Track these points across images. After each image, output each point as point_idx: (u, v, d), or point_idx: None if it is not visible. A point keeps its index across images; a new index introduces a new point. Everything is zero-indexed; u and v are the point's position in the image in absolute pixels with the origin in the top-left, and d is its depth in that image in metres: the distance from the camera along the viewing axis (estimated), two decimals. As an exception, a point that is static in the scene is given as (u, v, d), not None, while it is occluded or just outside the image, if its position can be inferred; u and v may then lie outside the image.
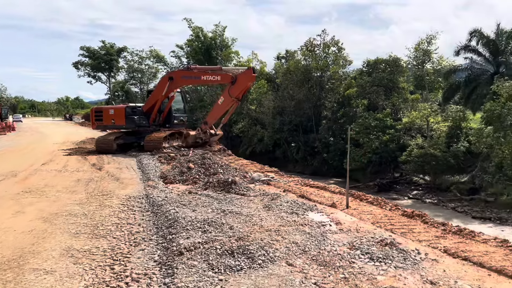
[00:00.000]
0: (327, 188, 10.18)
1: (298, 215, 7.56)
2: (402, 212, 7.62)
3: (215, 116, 22.51)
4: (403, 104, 49.03)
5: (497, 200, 35.66)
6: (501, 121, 30.15)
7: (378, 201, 8.44)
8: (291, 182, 11.84)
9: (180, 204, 8.51)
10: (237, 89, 20.16)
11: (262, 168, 14.81)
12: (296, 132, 59.14)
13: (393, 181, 47.92)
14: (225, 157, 18.97)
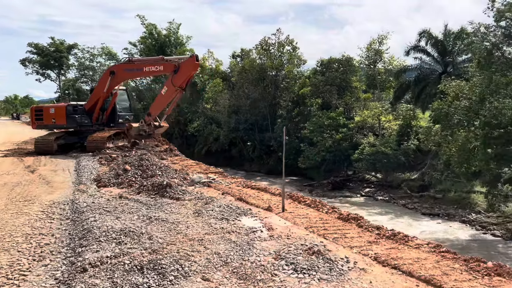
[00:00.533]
0: (268, 190, 9.75)
1: (228, 221, 7.09)
2: (338, 215, 7.31)
3: (159, 107, 21.58)
4: (356, 103, 49.68)
5: (445, 197, 36.62)
6: (448, 120, 30.80)
7: (315, 203, 8.09)
8: (233, 184, 11.36)
9: (104, 211, 7.85)
10: (181, 78, 19.33)
11: (207, 169, 14.23)
12: (252, 131, 58.87)
13: (347, 179, 48.50)
14: (171, 158, 18.22)
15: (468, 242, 28.18)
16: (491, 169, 29.13)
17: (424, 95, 43.71)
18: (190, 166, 14.95)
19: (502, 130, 27.61)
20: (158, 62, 20.59)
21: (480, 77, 30.15)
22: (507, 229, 29.15)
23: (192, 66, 19.66)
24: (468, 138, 29.39)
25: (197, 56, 19.73)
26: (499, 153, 27.75)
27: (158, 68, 20.50)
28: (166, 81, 21.01)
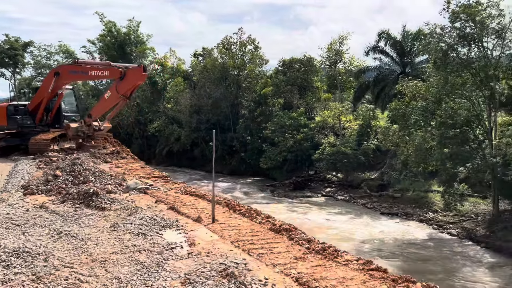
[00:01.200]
0: (206, 197, 9.09)
1: (145, 237, 6.41)
2: (271, 226, 6.73)
3: (100, 110, 20.65)
4: (317, 103, 49.64)
5: (404, 196, 36.88)
6: (405, 120, 31.00)
7: (250, 212, 7.49)
8: (172, 190, 10.63)
9: (11, 225, 7.02)
10: (125, 86, 18.49)
11: (150, 173, 13.42)
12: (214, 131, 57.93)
13: (308, 179, 48.37)
14: (117, 160, 17.27)
15: (425, 242, 28.31)
16: (447, 168, 29.44)
17: (383, 95, 44.06)
18: (134, 170, 14.10)
19: (457, 130, 27.91)
20: (104, 67, 19.69)
21: (436, 78, 30.44)
22: (462, 228, 29.48)
23: (139, 76, 18.95)
24: (424, 138, 29.61)
25: (144, 67, 19.03)
26: (455, 153, 28.02)
27: (103, 73, 19.66)
28: (111, 86, 20.20)
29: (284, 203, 40.38)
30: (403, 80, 33.95)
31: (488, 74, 28.24)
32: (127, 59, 72.86)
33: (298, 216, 34.63)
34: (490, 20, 28.25)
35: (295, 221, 33.20)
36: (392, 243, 27.75)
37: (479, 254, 25.68)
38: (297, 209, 37.64)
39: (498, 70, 29.46)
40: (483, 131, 29.30)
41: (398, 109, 31.02)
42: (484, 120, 28.99)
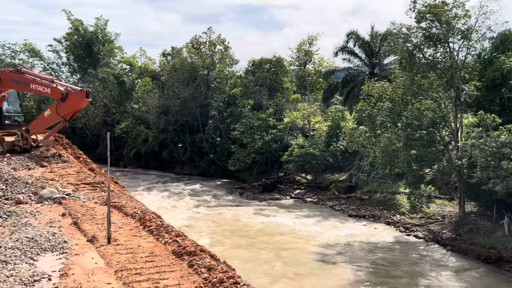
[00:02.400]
0: (123, 209, 7.94)
1: (6, 265, 5.28)
2: (175, 248, 5.68)
3: (39, 128, 19.46)
4: (287, 104, 48.86)
5: (372, 198, 36.40)
6: (371, 121, 30.40)
7: (159, 230, 6.41)
8: (92, 200, 9.47)
9: None
10: (66, 108, 17.49)
11: (83, 179, 12.21)
12: (183, 132, 56.70)
13: (278, 181, 47.60)
14: (55, 164, 15.95)
15: (391, 245, 27.79)
16: (413, 170, 28.98)
17: (352, 96, 43.55)
18: (66, 176, 12.87)
19: (423, 131, 27.45)
20: (46, 83, 18.45)
21: (403, 79, 29.96)
22: (429, 230, 29.10)
23: (80, 101, 17.88)
24: (391, 140, 29.07)
25: (87, 92, 17.85)
26: (421, 155, 27.59)
27: (45, 90, 18.43)
28: (52, 105, 19.04)
29: (252, 206, 39.47)
30: (369, 81, 33.33)
31: (454, 75, 27.85)
32: (94, 58, 71.02)
33: (264, 220, 33.80)
34: (456, 20, 27.91)
35: (262, 225, 32.32)
36: (357, 247, 27.11)
37: (445, 257, 25.27)
38: (265, 212, 36.79)
39: (464, 71, 29.15)
40: (449, 133, 28.95)
41: (364, 110, 30.38)
42: (450, 121, 28.63)
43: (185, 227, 31.34)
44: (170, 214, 35.49)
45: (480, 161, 24.11)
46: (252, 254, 25.19)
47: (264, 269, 22.82)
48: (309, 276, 22.08)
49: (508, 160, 22.46)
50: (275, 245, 27.22)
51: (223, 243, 27.18)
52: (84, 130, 68.60)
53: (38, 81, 18.63)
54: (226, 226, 32.01)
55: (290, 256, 25.14)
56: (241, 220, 34.06)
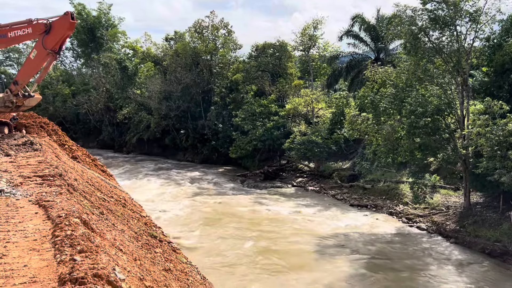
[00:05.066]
0: (49, 210, 6.87)
1: None
2: (64, 271, 4.49)
3: (28, 74, 18.17)
4: (290, 90, 47.67)
5: (375, 187, 35.42)
6: (374, 108, 29.24)
7: (63, 242, 5.20)
8: (29, 197, 8.49)
9: None
10: (53, 39, 16.14)
11: (38, 171, 11.24)
12: (185, 119, 55.91)
13: (280, 169, 46.74)
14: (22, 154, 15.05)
15: (392, 236, 26.88)
16: (417, 159, 27.89)
17: (357, 82, 42.25)
18: (24, 167, 11.93)
19: (428, 118, 26.25)
20: (25, 25, 17.14)
21: (407, 63, 28.71)
22: (432, 222, 28.13)
23: (67, 26, 16.45)
24: (394, 128, 27.94)
25: (72, 14, 16.51)
26: (424, 143, 26.45)
27: (25, 31, 17.06)
28: (36, 43, 17.57)
29: (253, 194, 38.70)
30: (372, 66, 32.03)
31: (461, 60, 26.55)
32: (98, 43, 70.16)
33: (264, 209, 33.01)
34: (464, 1, 26.49)
35: (260, 214, 31.54)
36: (358, 238, 26.25)
37: (447, 250, 24.34)
38: (265, 200, 36.00)
39: (472, 55, 27.81)
40: (455, 120, 27.74)
41: (367, 97, 29.20)
42: (456, 108, 27.39)
43: (182, 216, 30.71)
44: (169, 202, 34.92)
45: (486, 150, 22.97)
46: (249, 244, 24.44)
47: (261, 260, 22.06)
48: (306, 268, 21.33)
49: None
50: (273, 235, 26.44)
51: (218, 232, 26.44)
52: (87, 116, 68.15)
53: (15, 27, 17.50)
54: (224, 214, 31.28)
55: (288, 247, 24.35)
56: (240, 209, 33.31)
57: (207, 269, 18.93)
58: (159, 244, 9.89)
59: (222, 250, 23.33)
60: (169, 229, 25.24)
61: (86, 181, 13.37)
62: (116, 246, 5.64)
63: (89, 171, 17.08)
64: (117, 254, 5.09)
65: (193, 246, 23.66)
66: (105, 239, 5.57)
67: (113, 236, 6.47)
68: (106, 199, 12.91)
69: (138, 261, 5.78)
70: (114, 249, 5.30)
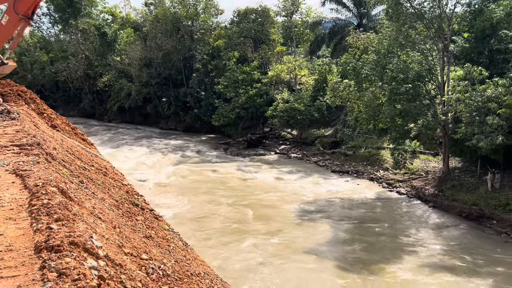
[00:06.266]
0: (26, 179, 6.71)
1: None
2: (40, 240, 4.43)
3: (0, 41, 17.58)
4: (272, 57, 47.26)
5: (356, 154, 35.83)
6: (356, 74, 29.25)
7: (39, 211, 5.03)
8: (6, 167, 8.38)
9: None
10: (25, 3, 15.49)
11: (15, 141, 11.03)
12: (166, 86, 55.25)
13: (263, 136, 46.87)
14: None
15: (373, 201, 27.38)
16: (398, 125, 28.19)
17: (339, 48, 42.04)
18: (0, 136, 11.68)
19: (409, 85, 26.41)
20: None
21: (389, 29, 28.59)
22: (412, 186, 28.67)
23: None
24: (375, 94, 28.06)
25: None
26: (405, 109, 26.66)
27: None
28: (7, 8, 16.82)
29: (236, 162, 38.85)
30: (355, 32, 31.83)
31: (442, 26, 26.52)
32: (75, 8, 68.05)
33: (247, 176, 33.24)
34: (446, -34, 26.25)
35: (243, 181, 31.77)
36: (339, 203, 26.67)
37: (426, 214, 24.93)
38: (248, 168, 36.20)
39: (453, 21, 27.78)
40: (435, 86, 27.95)
41: (349, 63, 29.14)
42: (437, 74, 27.55)
43: (165, 184, 30.76)
44: (151, 171, 34.87)
45: (465, 116, 23.30)
46: (232, 212, 24.67)
47: (242, 225, 22.36)
48: (287, 232, 21.65)
49: (493, 115, 21.62)
50: (255, 201, 26.72)
51: (201, 199, 26.60)
52: (67, 84, 66.86)
53: None
54: (207, 182, 31.41)
55: (270, 212, 24.68)
56: (223, 176, 33.46)
57: (189, 236, 19.15)
58: (140, 212, 9.92)
59: (204, 217, 23.54)
60: (151, 197, 25.31)
61: (65, 150, 13.24)
62: (95, 215, 5.65)
63: (69, 140, 16.87)
64: (95, 222, 5.11)
65: (176, 213, 23.81)
66: (84, 207, 5.57)
67: (92, 204, 6.47)
68: (87, 168, 12.82)
69: (118, 229, 5.81)
70: (93, 217, 5.31)
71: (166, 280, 4.55)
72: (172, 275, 4.88)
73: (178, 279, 4.87)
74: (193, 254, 8.30)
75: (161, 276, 4.54)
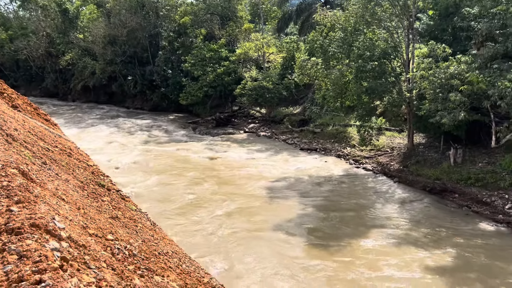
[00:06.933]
0: None
1: None
2: None
3: None
4: (239, 34, 46.79)
5: (324, 131, 36.23)
6: (323, 52, 29.34)
7: None
8: None
9: None
10: None
11: None
12: (132, 64, 54.05)
13: (232, 115, 46.77)
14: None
15: (340, 177, 27.83)
16: (364, 102, 28.57)
17: (307, 26, 41.98)
18: None
19: (375, 62, 26.70)
20: None
21: (355, 7, 28.65)
22: (378, 163, 29.27)
23: None
24: (342, 72, 28.27)
25: None
26: (371, 87, 26.99)
27: None
28: None
29: (205, 141, 38.68)
30: (322, 9, 31.80)
31: (407, 3, 26.77)
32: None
33: (216, 155, 33.15)
34: None
35: (212, 160, 31.68)
36: (307, 180, 27.00)
37: (391, 189, 25.52)
38: (217, 147, 36.11)
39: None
40: (400, 64, 28.35)
41: (316, 41, 29.16)
42: (402, 52, 27.91)
43: (132, 164, 30.34)
44: (118, 151, 34.31)
45: (429, 93, 23.79)
46: (201, 190, 24.62)
47: (211, 205, 22.36)
48: (254, 210, 21.81)
49: (456, 92, 22.16)
50: (224, 180, 26.75)
51: (170, 179, 26.43)
52: (28, 62, 64.55)
53: None
54: (175, 161, 31.19)
55: (238, 191, 24.76)
56: (191, 155, 33.27)
57: (158, 215, 19.07)
58: (107, 192, 9.78)
59: (173, 196, 23.43)
60: (118, 177, 24.97)
61: (27, 131, 12.82)
62: (58, 196, 5.52)
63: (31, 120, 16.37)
64: (58, 204, 4.99)
65: (144, 193, 23.60)
66: (46, 189, 5.43)
67: (56, 186, 6.32)
68: (50, 148, 12.50)
69: (82, 210, 5.70)
70: (56, 199, 5.19)
71: (132, 259, 4.52)
72: (139, 254, 4.85)
73: (145, 258, 4.85)
74: (161, 233, 8.27)
75: (127, 256, 4.51)
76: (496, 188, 21.82)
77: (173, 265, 5.82)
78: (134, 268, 4.22)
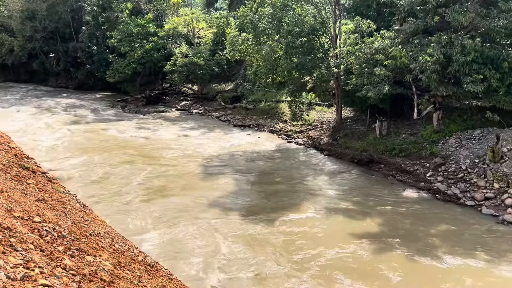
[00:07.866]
0: None
1: None
2: None
3: None
4: (168, 9, 45.54)
5: (257, 108, 36.53)
6: (253, 28, 29.34)
7: None
8: None
9: None
10: None
11: None
12: (53, 41, 51.09)
13: (163, 92, 45.85)
14: None
15: (273, 152, 28.32)
16: (294, 78, 29.07)
17: (237, 1, 41.66)
18: None
19: (304, 38, 27.12)
20: None
21: (285, -18, 28.78)
22: (308, 137, 30.04)
23: None
24: (272, 48, 28.47)
25: None
26: (301, 63, 27.46)
27: None
28: None
29: (135, 119, 37.70)
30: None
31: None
32: None
33: (147, 134, 32.45)
34: None
35: (144, 140, 30.97)
36: (241, 156, 27.21)
37: (321, 162, 26.31)
38: (149, 125, 35.35)
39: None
40: (328, 40, 29.02)
41: (246, 16, 29.07)
42: (329, 28, 28.55)
43: (58, 145, 28.98)
44: (42, 132, 32.56)
45: (355, 68, 24.64)
46: (132, 171, 24.04)
47: (144, 185, 21.98)
48: (189, 188, 21.71)
49: (380, 66, 23.11)
50: (157, 159, 26.30)
51: (99, 160, 25.56)
52: None
53: None
54: (104, 142, 30.17)
55: (172, 170, 24.49)
56: (122, 135, 32.34)
57: (89, 197, 18.48)
58: (32, 175, 9.36)
59: (103, 177, 22.73)
60: (44, 159, 23.80)
61: None
62: (-23, 180, 5.22)
63: None
64: (-22, 188, 4.72)
65: (72, 175, 22.70)
66: (-37, 173, 5.11)
67: (-26, 169, 5.98)
68: (-35, 131, 11.76)
69: (6, 193, 5.44)
70: (-25, 183, 4.90)
71: (62, 241, 4.40)
72: (69, 236, 4.72)
73: (75, 239, 4.74)
74: (92, 215, 8.09)
75: (56, 237, 4.38)
76: (418, 158, 23.23)
77: (106, 245, 5.73)
78: (64, 249, 4.12)
